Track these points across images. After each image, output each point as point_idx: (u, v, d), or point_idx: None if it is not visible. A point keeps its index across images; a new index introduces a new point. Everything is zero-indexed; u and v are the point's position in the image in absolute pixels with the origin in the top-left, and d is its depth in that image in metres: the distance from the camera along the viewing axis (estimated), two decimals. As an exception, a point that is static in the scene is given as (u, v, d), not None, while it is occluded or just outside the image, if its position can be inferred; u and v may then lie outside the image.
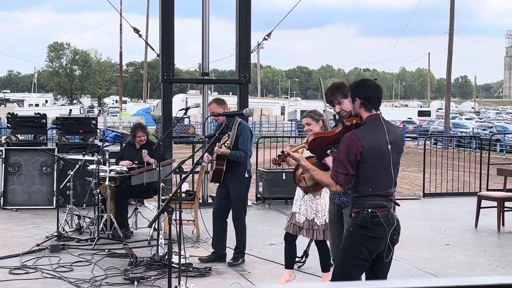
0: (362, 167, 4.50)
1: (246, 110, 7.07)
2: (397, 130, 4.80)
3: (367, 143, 4.48)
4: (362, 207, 4.53)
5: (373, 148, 4.49)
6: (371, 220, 4.50)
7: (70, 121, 12.29)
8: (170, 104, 11.80)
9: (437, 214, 11.72)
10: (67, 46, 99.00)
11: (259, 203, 12.51)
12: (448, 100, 38.93)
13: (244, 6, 11.77)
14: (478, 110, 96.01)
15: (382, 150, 4.52)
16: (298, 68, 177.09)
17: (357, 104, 4.62)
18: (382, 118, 4.62)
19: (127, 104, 71.35)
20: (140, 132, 9.50)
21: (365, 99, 4.59)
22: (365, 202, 4.53)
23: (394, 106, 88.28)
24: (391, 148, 4.54)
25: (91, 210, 9.52)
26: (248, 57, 11.94)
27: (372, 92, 4.62)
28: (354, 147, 4.46)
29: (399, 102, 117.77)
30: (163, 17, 11.51)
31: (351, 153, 4.46)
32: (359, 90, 4.64)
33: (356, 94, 4.65)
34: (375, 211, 4.51)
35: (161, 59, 11.50)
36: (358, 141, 4.47)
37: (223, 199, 7.86)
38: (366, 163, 4.49)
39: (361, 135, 4.50)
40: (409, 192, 15.55)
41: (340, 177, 4.49)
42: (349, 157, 4.46)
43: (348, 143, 4.49)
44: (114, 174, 9.06)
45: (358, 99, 4.61)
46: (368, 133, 4.53)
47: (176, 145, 29.52)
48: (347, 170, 4.47)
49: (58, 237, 8.74)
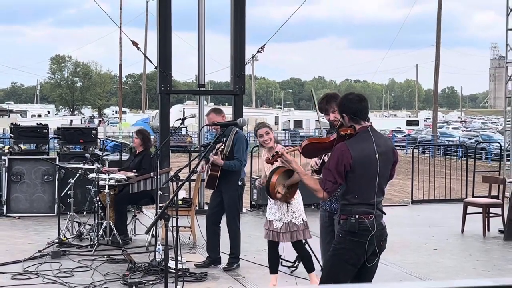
0: (350, 176, 4.53)
1: (240, 120, 7.08)
2: (387, 141, 4.80)
3: (356, 154, 4.51)
4: (349, 213, 4.56)
5: (361, 159, 4.52)
6: (358, 226, 4.52)
7: (71, 131, 12.27)
8: (167, 114, 11.80)
9: (425, 220, 11.72)
10: (69, 58, 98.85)
11: (254, 210, 12.50)
12: (435, 110, 39.05)
13: (239, 20, 11.81)
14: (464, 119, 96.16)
15: (370, 161, 4.54)
16: (291, 80, 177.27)
17: (346, 119, 4.66)
18: (370, 129, 4.63)
19: (127, 115, 71.26)
20: (134, 134, 9.59)
21: (352, 114, 4.62)
22: (352, 209, 4.56)
23: (383, 116, 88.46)
24: (380, 158, 4.56)
25: (91, 217, 9.50)
26: (243, 69, 11.96)
27: (356, 105, 4.63)
28: (344, 158, 4.49)
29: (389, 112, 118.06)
30: (160, 31, 11.53)
31: (340, 164, 4.50)
32: (344, 106, 4.67)
33: (342, 110, 4.69)
34: (362, 217, 4.54)
35: (159, 71, 11.51)
36: (348, 153, 4.50)
37: (216, 205, 7.86)
38: (354, 173, 4.52)
39: (351, 146, 4.53)
40: (398, 198, 15.57)
41: (328, 184, 4.52)
42: (338, 167, 4.50)
43: (339, 154, 4.52)
44: (113, 182, 9.05)
45: (345, 115, 4.65)
46: (358, 144, 4.55)
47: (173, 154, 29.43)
48: (335, 179, 4.51)
49: (59, 244, 8.72)
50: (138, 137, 9.52)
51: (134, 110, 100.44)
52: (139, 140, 9.49)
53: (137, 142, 9.53)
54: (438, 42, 37.36)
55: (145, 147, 9.53)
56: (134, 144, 9.65)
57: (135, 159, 9.51)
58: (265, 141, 6.75)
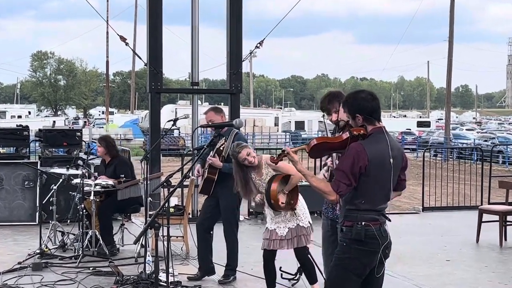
0: (363, 180, 4.52)
1: (236, 121, 7.09)
2: (398, 145, 4.81)
3: (373, 156, 4.51)
4: (355, 220, 4.56)
5: (377, 162, 4.52)
6: (365, 234, 4.52)
7: (54, 133, 12.26)
8: (158, 115, 11.80)
9: (436, 229, 11.73)
10: (51, 55, 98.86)
11: (252, 218, 12.50)
12: (448, 110, 39.10)
13: (235, 12, 11.80)
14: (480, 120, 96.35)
15: (384, 164, 4.56)
16: (292, 77, 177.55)
17: (358, 120, 4.64)
18: (385, 130, 4.65)
19: (114, 115, 71.31)
20: (97, 142, 9.50)
21: (368, 114, 4.61)
22: (359, 215, 4.55)
23: (392, 117, 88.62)
24: (393, 162, 4.58)
25: (75, 226, 9.48)
26: (240, 66, 11.97)
27: (371, 104, 4.63)
28: (360, 159, 4.49)
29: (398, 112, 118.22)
30: (150, 24, 11.53)
31: (356, 165, 4.49)
32: (358, 106, 4.64)
33: (356, 110, 4.65)
34: (369, 224, 4.54)
35: (149, 68, 11.52)
36: (364, 153, 4.50)
37: (210, 211, 7.84)
38: (368, 176, 4.52)
39: (368, 147, 4.53)
40: (408, 206, 15.58)
41: (342, 186, 4.50)
42: (354, 169, 4.49)
43: (354, 154, 4.51)
44: (100, 188, 9.04)
45: (360, 115, 4.63)
46: (373, 146, 4.55)
47: (164, 158, 29.45)
48: (350, 181, 4.49)
49: (40, 255, 8.71)
50: (101, 145, 9.38)
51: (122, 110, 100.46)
52: (103, 148, 9.39)
53: (101, 151, 9.40)
54: (451, 37, 37.43)
55: (112, 154, 9.43)
56: (98, 154, 9.54)
57: (107, 169, 9.42)
58: (250, 162, 6.79)
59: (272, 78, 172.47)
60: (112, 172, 9.29)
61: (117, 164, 9.33)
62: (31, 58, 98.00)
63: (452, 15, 37.23)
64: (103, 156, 9.47)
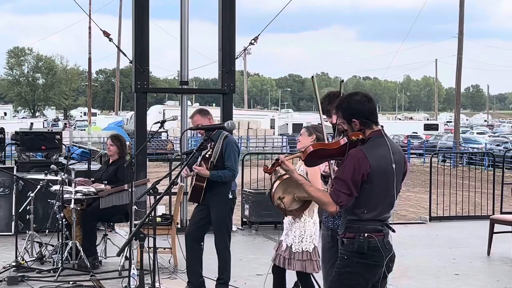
0: (366, 188, 4.52)
1: (228, 123, 7.07)
2: (398, 148, 4.81)
3: (375, 163, 4.51)
4: (357, 231, 4.56)
5: (380, 168, 4.52)
6: (368, 246, 4.52)
7: (31, 136, 12.25)
8: (144, 116, 11.80)
9: (445, 240, 11.75)
10: (29, 51, 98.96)
11: (245, 228, 12.50)
12: (457, 112, 39.20)
13: (228, 6, 11.82)
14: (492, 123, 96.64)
15: (387, 171, 4.56)
16: (289, 76, 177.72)
17: (355, 125, 4.63)
18: (384, 134, 4.65)
19: (97, 117, 71.33)
20: (109, 140, 9.61)
21: (364, 117, 4.62)
22: (361, 226, 4.56)
23: (397, 119, 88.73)
24: (395, 168, 4.58)
25: (54, 236, 9.47)
26: (233, 63, 11.98)
27: (367, 106, 4.63)
28: (362, 167, 4.48)
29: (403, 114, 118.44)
30: (136, 19, 11.53)
31: (357, 173, 4.48)
32: (353, 109, 4.64)
33: (350, 114, 4.65)
34: (372, 235, 4.54)
35: (134, 65, 11.52)
36: (365, 160, 4.49)
37: (200, 220, 7.82)
38: (371, 184, 4.52)
39: (368, 153, 4.52)
40: (414, 215, 15.63)
41: (342, 197, 4.50)
42: (355, 177, 4.48)
43: (355, 161, 4.50)
44: (81, 196, 9.03)
45: (355, 119, 4.63)
46: (374, 151, 4.55)
47: (151, 163, 29.50)
48: (350, 190, 4.49)
49: (16, 268, 8.69)
50: (115, 144, 9.50)
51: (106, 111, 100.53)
52: (116, 147, 9.49)
53: (113, 149, 9.51)
54: (461, 33, 37.55)
55: (121, 155, 9.53)
56: (109, 152, 9.64)
57: (109, 168, 9.50)
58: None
59: (268, 77, 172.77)
60: (113, 172, 9.31)
61: (120, 165, 9.33)
62: (7, 54, 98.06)
63: (462, 10, 37.38)
64: (114, 155, 9.51)
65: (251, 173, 14.12)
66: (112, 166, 9.49)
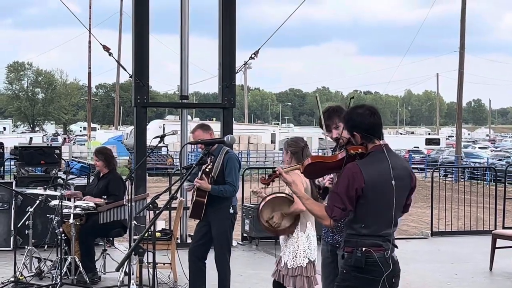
0: (362, 203, 4.53)
1: (228, 138, 7.07)
2: (404, 164, 4.79)
3: (370, 178, 4.51)
4: (355, 246, 4.56)
5: (375, 184, 4.52)
6: (365, 261, 4.52)
7: (31, 151, 12.26)
8: (144, 131, 11.81)
9: (447, 256, 11.73)
10: (29, 66, 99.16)
11: (245, 243, 12.48)
12: (459, 127, 39.18)
13: (228, 20, 11.85)
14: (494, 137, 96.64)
15: (385, 187, 4.55)
16: (290, 91, 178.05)
17: (357, 138, 4.65)
18: (386, 149, 4.63)
19: (97, 132, 71.35)
20: (94, 156, 9.62)
21: (364, 131, 4.62)
22: (359, 241, 4.56)
23: (398, 134, 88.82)
24: (396, 184, 4.56)
25: (53, 252, 9.46)
26: (233, 78, 12.00)
27: (369, 120, 4.63)
28: (355, 181, 4.49)
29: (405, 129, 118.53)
30: (136, 33, 11.56)
31: (351, 188, 4.49)
32: (354, 122, 4.65)
33: (352, 127, 4.67)
34: (370, 250, 4.53)
35: (134, 80, 11.54)
36: (360, 175, 4.50)
37: (202, 237, 7.82)
38: (366, 200, 4.52)
39: (364, 168, 4.52)
40: (416, 230, 15.59)
41: (336, 211, 4.51)
42: (349, 192, 4.49)
43: (349, 175, 4.51)
44: (80, 210, 9.03)
45: (357, 133, 4.64)
46: (371, 166, 4.55)
47: (151, 178, 29.49)
48: (344, 205, 4.50)
49: (15, 283, 8.67)
50: (99, 159, 9.49)
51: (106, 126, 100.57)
52: (101, 162, 9.48)
53: (100, 164, 9.49)
54: (462, 48, 37.60)
55: (110, 168, 9.50)
56: (97, 168, 9.64)
57: (100, 183, 9.48)
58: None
59: (269, 91, 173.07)
60: (104, 186, 9.30)
61: (111, 179, 9.33)
62: (7, 69, 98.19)
63: (463, 24, 37.43)
64: (102, 169, 9.51)
65: (251, 188, 14.08)
66: (102, 180, 9.46)
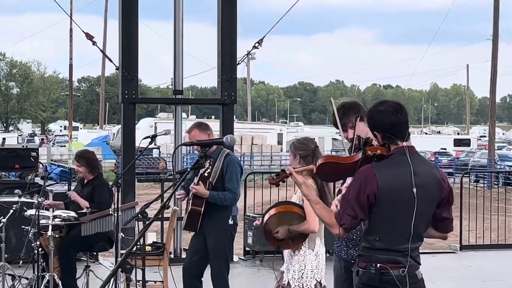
0: (375, 211, 4.53)
1: (227, 138, 7.07)
2: (432, 170, 4.74)
3: (385, 183, 4.50)
4: (368, 261, 4.56)
5: (391, 191, 4.52)
6: (380, 279, 4.51)
7: (4, 153, 12.28)
8: (133, 130, 11.82)
9: (477, 272, 11.73)
10: (2, 56, 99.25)
11: (248, 259, 12.48)
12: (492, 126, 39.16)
13: (228, 4, 11.84)
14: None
15: (403, 195, 4.53)
16: (299, 85, 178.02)
17: (379, 138, 4.66)
18: (409, 151, 4.60)
19: (79, 131, 71.45)
20: (76, 161, 9.60)
21: (385, 131, 4.62)
22: (373, 256, 4.56)
23: (423, 133, 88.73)
24: (418, 192, 4.53)
25: (29, 268, 9.47)
26: (234, 70, 12.00)
27: (389, 118, 4.62)
28: (368, 186, 4.50)
29: (430, 128, 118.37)
30: (123, 19, 11.56)
31: (363, 193, 4.50)
32: (374, 121, 4.67)
33: (372, 126, 4.69)
34: (386, 266, 4.52)
35: (122, 73, 11.54)
36: (373, 179, 4.50)
37: (198, 252, 7.82)
38: (380, 208, 4.52)
39: (379, 171, 4.52)
40: (443, 243, 15.54)
41: (345, 218, 4.52)
42: (360, 198, 4.50)
43: (362, 179, 4.53)
44: (59, 221, 9.03)
45: (377, 133, 4.65)
46: (388, 169, 4.55)
47: (141, 184, 29.50)
48: (355, 212, 4.50)
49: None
50: (81, 164, 9.46)
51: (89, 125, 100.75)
52: (83, 167, 9.47)
53: (82, 170, 9.47)
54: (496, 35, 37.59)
55: (95, 173, 9.50)
56: (80, 174, 9.64)
57: (84, 190, 9.48)
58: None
59: (275, 85, 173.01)
60: (89, 193, 9.30)
61: (96, 185, 9.33)
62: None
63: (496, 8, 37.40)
64: (86, 175, 9.50)
65: (255, 195, 14.12)
66: (87, 186, 9.45)
